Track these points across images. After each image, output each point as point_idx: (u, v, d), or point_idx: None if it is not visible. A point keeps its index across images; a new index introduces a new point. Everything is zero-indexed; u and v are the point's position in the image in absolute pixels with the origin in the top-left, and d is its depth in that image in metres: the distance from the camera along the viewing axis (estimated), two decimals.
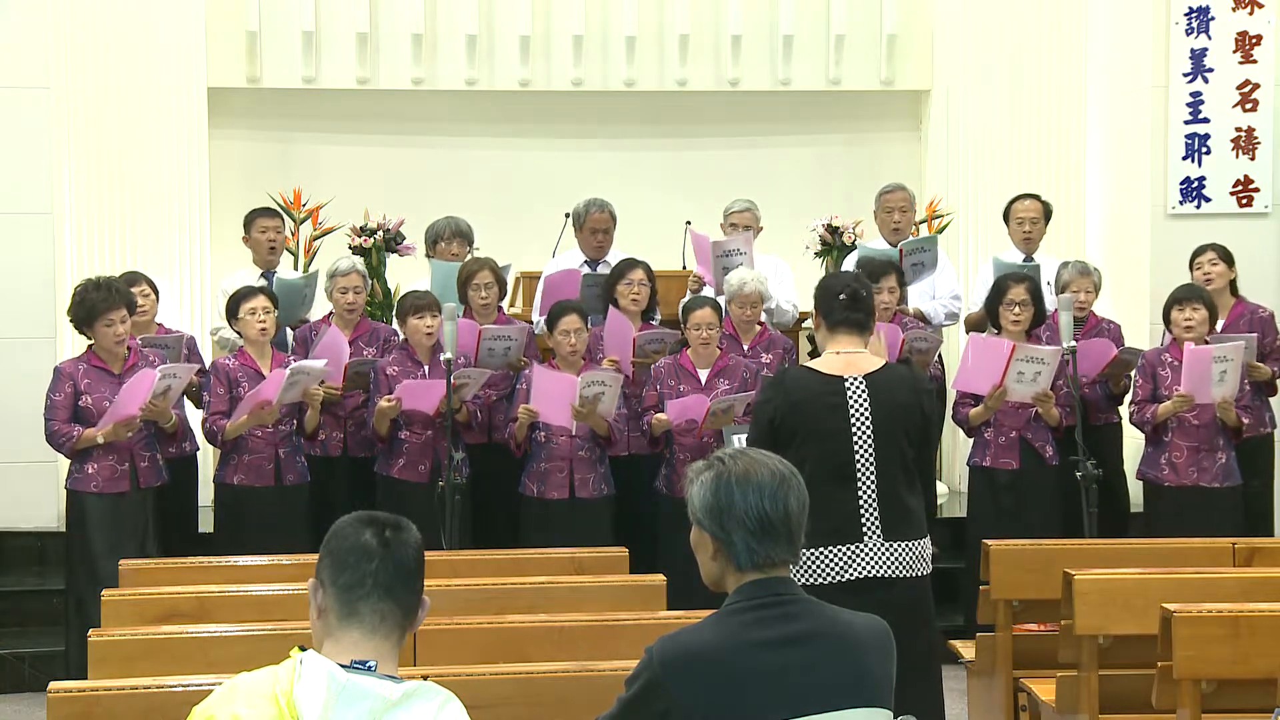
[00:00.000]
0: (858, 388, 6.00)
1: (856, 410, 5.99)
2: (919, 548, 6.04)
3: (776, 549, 3.73)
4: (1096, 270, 9.54)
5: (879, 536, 5.95)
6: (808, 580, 5.89)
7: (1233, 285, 9.48)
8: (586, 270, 9.67)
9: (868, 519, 5.95)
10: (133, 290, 8.73)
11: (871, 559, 5.94)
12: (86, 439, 8.19)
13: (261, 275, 9.71)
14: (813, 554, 5.91)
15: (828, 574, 5.92)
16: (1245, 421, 8.79)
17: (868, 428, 5.98)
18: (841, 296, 6.07)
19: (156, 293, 9.35)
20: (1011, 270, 9.29)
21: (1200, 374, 8.49)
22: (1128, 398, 9.05)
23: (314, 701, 3.27)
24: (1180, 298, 8.82)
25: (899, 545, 5.98)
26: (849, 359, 6.07)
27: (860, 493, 5.96)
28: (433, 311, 8.62)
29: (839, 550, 5.92)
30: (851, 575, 5.92)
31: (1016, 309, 8.80)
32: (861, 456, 5.98)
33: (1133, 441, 9.28)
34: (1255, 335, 9.18)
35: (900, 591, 5.96)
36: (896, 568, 5.97)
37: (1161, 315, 9.00)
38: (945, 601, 6.62)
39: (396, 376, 8.68)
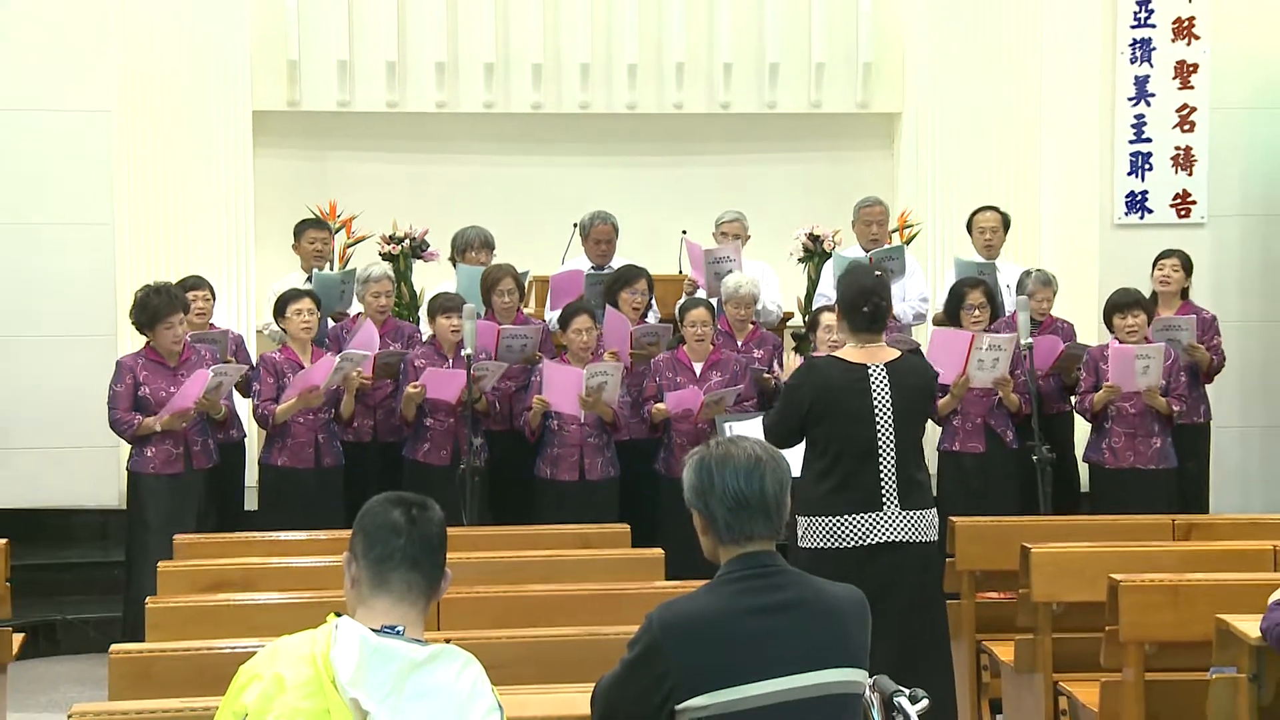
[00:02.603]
0: (880, 375, 6.19)
1: (879, 394, 6.16)
2: (929, 517, 6.24)
3: (754, 525, 3.74)
4: (1055, 279, 9.57)
5: (896, 506, 6.14)
6: (834, 544, 6.11)
7: (1184, 290, 9.50)
8: (591, 271, 9.71)
9: (887, 491, 6.13)
10: (195, 293, 8.85)
11: (890, 526, 6.13)
12: (146, 426, 8.19)
13: (307, 278, 9.76)
14: (839, 520, 6.11)
15: (852, 538, 6.10)
16: (1176, 409, 8.79)
17: (888, 410, 6.16)
18: (865, 310, 6.26)
19: (214, 296, 9.37)
20: (967, 275, 9.31)
21: (1125, 368, 8.61)
22: (1078, 388, 9.08)
23: (348, 662, 3.28)
24: (1121, 305, 8.86)
25: (913, 514, 6.17)
26: (870, 350, 6.27)
27: (881, 468, 6.14)
28: (459, 313, 8.63)
29: (862, 518, 6.11)
30: (873, 540, 6.11)
31: (976, 312, 8.87)
32: (883, 436, 6.15)
33: (1082, 428, 9.29)
34: (1193, 319, 9.21)
35: (913, 554, 6.18)
36: (911, 533, 6.16)
37: (1104, 316, 9.04)
38: None
39: (423, 368, 8.71)
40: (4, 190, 10.36)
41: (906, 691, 3.60)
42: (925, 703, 3.61)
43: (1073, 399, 9.18)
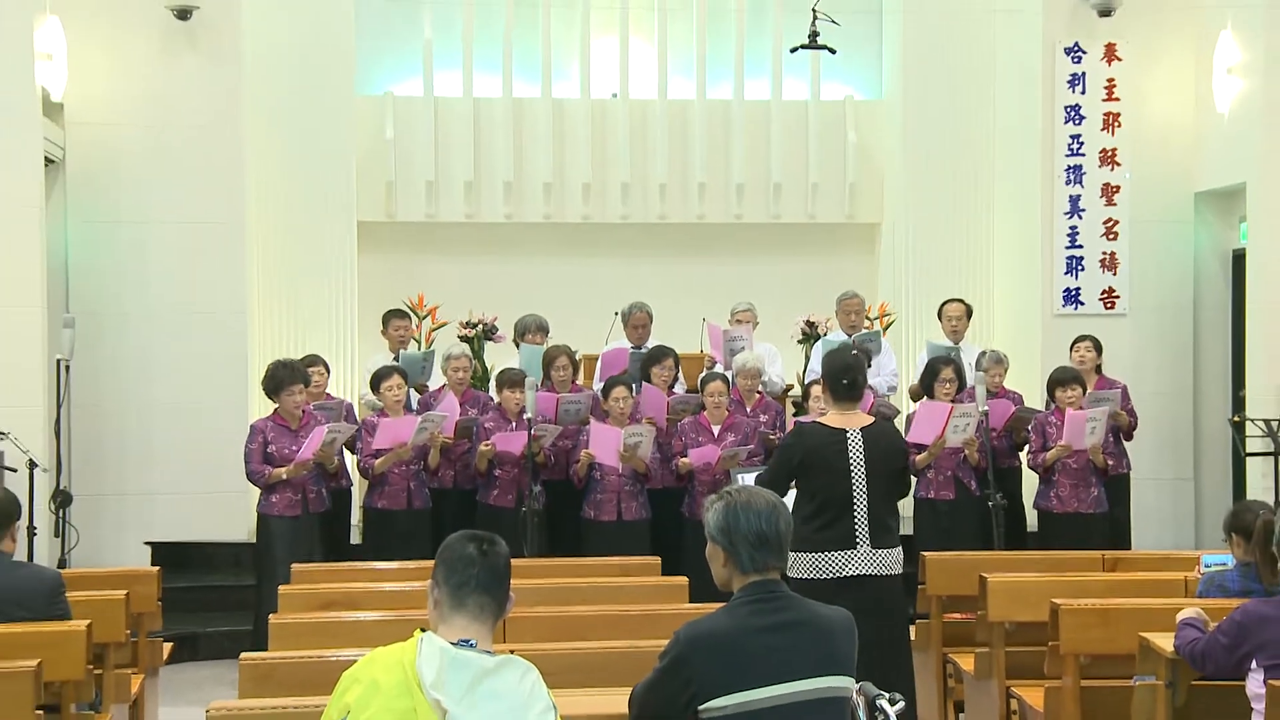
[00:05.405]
0: (856, 438, 6.19)
1: (855, 454, 6.16)
2: (895, 554, 6.22)
3: (770, 557, 3.75)
4: (1006, 358, 9.64)
5: (868, 545, 6.13)
6: (817, 575, 6.09)
7: (1098, 366, 9.53)
8: (632, 350, 9.76)
9: (860, 533, 6.12)
10: (312, 370, 8.87)
11: (862, 561, 6.11)
12: (275, 475, 8.23)
13: (394, 357, 9.80)
14: (821, 556, 6.11)
15: (831, 571, 6.09)
16: (1110, 464, 8.87)
17: (862, 467, 6.15)
18: (844, 382, 6.28)
19: (329, 371, 9.44)
20: (940, 355, 9.32)
21: (1078, 429, 8.59)
22: (1027, 447, 9.08)
23: (431, 669, 3.29)
24: (1062, 380, 8.92)
25: (881, 552, 6.16)
26: (848, 416, 6.28)
27: (855, 514, 6.13)
28: (521, 387, 8.72)
29: (840, 554, 6.11)
30: (848, 572, 6.10)
31: (947, 385, 8.88)
32: (857, 488, 6.14)
33: (1029, 479, 9.26)
34: (1119, 391, 9.30)
35: (881, 584, 6.16)
36: (879, 567, 6.15)
37: (1046, 388, 9.08)
38: None
39: (492, 430, 8.74)
40: (161, 286, 10.44)
41: (887, 695, 3.58)
42: (903, 705, 3.59)
43: (1023, 456, 9.15)
